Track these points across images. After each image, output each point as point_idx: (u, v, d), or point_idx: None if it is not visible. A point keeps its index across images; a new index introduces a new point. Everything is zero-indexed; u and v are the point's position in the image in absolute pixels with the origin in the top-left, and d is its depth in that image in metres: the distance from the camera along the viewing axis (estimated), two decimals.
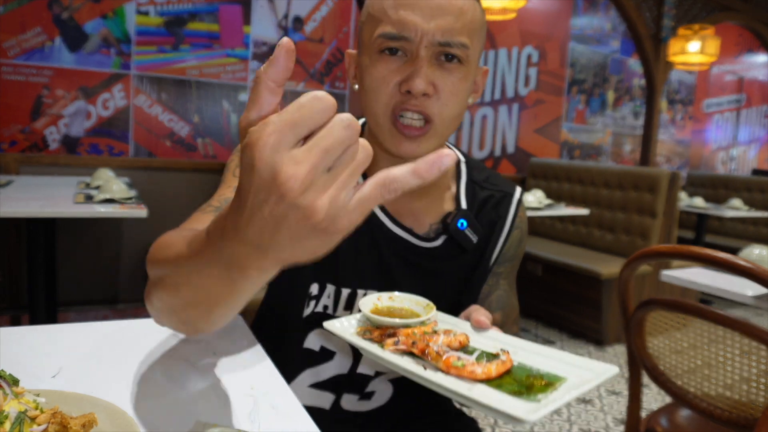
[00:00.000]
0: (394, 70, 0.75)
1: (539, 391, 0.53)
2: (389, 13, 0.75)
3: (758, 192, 4.93)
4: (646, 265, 2.28)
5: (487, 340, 0.66)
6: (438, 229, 0.87)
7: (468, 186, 0.91)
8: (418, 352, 0.59)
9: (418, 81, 0.73)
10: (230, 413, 0.60)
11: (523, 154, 4.70)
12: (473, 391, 0.53)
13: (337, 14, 3.67)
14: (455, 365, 0.56)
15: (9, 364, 0.64)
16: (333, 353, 0.89)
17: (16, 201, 1.93)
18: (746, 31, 6.04)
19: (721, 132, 6.52)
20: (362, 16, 0.81)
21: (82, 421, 0.48)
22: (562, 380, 0.55)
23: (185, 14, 3.23)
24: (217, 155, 3.39)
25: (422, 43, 0.74)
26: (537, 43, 4.65)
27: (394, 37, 0.74)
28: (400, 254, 0.85)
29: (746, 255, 1.77)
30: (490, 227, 0.90)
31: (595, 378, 0.55)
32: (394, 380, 0.93)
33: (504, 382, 0.55)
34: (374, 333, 0.65)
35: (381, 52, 0.76)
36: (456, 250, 0.87)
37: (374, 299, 0.71)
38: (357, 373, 0.90)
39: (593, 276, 3.22)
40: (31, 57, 2.88)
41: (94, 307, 3.11)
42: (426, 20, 0.73)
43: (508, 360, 0.58)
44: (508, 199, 0.93)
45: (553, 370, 0.58)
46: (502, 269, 0.94)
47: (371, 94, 0.77)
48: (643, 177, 3.51)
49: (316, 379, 0.91)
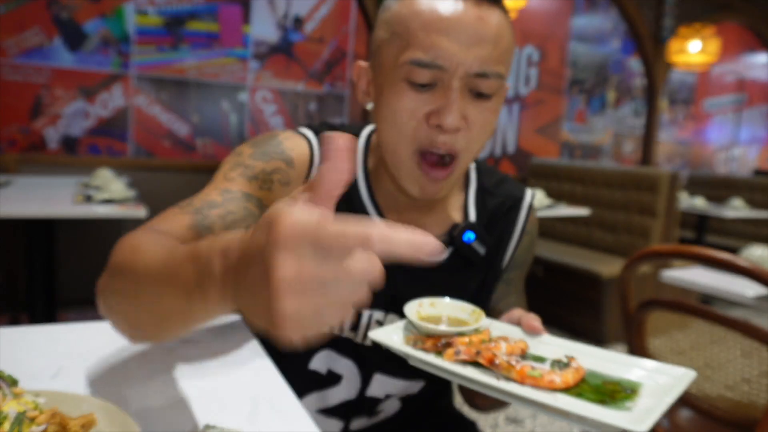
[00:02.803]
0: (422, 100, 0.68)
1: (624, 399, 0.52)
2: (420, 37, 0.66)
3: (759, 192, 4.92)
4: (646, 265, 2.28)
5: (545, 346, 0.63)
6: (445, 239, 0.81)
7: (478, 194, 0.86)
8: (486, 362, 0.57)
9: (452, 116, 0.66)
10: (230, 414, 0.60)
11: (524, 154, 4.70)
12: (559, 401, 0.51)
13: (337, 14, 3.67)
14: (531, 375, 0.54)
15: (8, 365, 0.63)
16: (340, 377, 0.84)
17: (15, 201, 1.93)
18: (747, 31, 6.04)
19: (721, 132, 6.52)
20: (380, 31, 0.72)
21: (82, 421, 0.48)
22: (638, 385, 0.54)
23: (185, 14, 3.23)
24: (216, 155, 3.39)
25: (457, 73, 0.66)
26: (537, 42, 4.65)
27: (426, 64, 0.66)
28: (405, 270, 0.82)
29: (747, 255, 1.77)
30: (499, 235, 0.86)
31: (677, 383, 0.54)
32: (404, 398, 0.90)
33: (582, 391, 0.54)
34: (426, 343, 0.61)
35: (408, 80, 0.67)
36: (463, 261, 0.82)
37: (416, 306, 0.67)
38: (366, 397, 0.86)
39: (594, 276, 3.22)
40: (30, 57, 2.88)
41: (94, 307, 3.10)
42: (463, 49, 0.65)
43: (580, 367, 0.56)
44: (519, 204, 0.88)
45: (624, 375, 0.57)
46: (513, 275, 0.90)
47: (395, 127, 0.69)
48: (643, 177, 3.51)
49: (324, 404, 0.87)
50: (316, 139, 0.79)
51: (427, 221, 0.82)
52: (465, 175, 0.87)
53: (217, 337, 0.80)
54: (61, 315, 2.94)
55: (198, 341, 0.78)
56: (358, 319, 0.80)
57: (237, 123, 3.45)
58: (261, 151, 0.76)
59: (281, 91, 3.55)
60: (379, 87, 0.72)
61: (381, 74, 0.71)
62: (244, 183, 0.73)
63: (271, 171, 0.75)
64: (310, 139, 0.80)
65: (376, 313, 0.81)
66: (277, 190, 0.75)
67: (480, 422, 2.41)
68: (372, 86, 0.75)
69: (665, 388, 0.54)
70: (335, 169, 0.37)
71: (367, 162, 0.81)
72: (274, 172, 0.75)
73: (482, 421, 2.30)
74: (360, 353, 0.82)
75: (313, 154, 0.78)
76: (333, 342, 0.82)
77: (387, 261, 0.43)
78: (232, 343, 0.79)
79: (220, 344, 0.78)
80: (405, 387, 0.87)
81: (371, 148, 0.83)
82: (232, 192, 0.72)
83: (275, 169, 0.75)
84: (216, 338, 0.80)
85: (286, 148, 0.77)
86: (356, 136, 0.82)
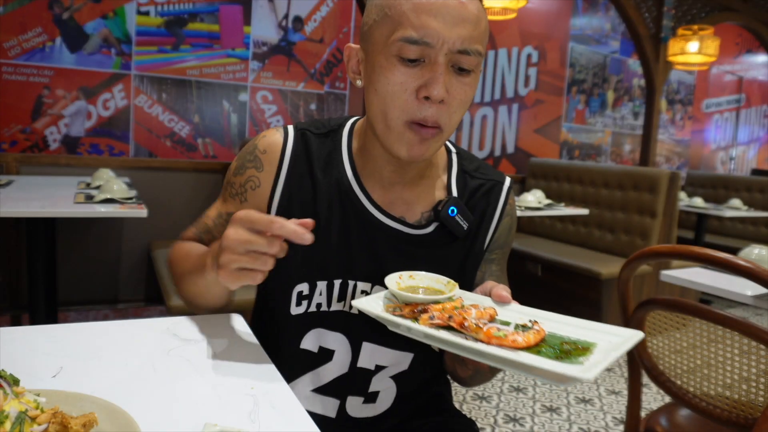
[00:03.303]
0: (411, 75, 0.75)
1: (578, 355, 0.58)
2: (410, 17, 0.74)
3: (758, 192, 4.93)
4: (645, 265, 2.28)
5: (512, 313, 0.69)
6: (429, 217, 0.89)
7: (459, 175, 0.93)
8: (457, 325, 0.63)
9: (438, 88, 0.74)
10: (230, 413, 0.60)
11: (523, 154, 4.70)
12: (521, 357, 0.57)
13: (337, 14, 3.67)
14: (497, 335, 0.60)
15: (9, 364, 0.64)
16: (332, 352, 0.89)
17: (16, 201, 1.93)
18: (746, 31, 6.04)
19: (720, 132, 6.52)
20: (373, 14, 0.80)
21: (83, 420, 0.48)
22: (593, 345, 0.60)
23: (185, 14, 3.23)
24: (217, 155, 3.39)
25: (442, 49, 0.74)
26: (537, 43, 4.65)
27: (415, 41, 0.74)
28: (392, 243, 0.87)
29: (746, 255, 1.78)
30: (480, 215, 0.92)
31: (625, 342, 0.60)
32: (396, 377, 0.93)
33: (542, 349, 0.59)
34: (405, 310, 0.67)
35: (400, 55, 0.75)
36: (447, 237, 0.89)
37: (396, 278, 0.73)
38: (358, 368, 0.90)
39: (593, 276, 3.22)
40: (31, 57, 2.89)
41: (94, 307, 3.11)
42: (448, 28, 0.74)
43: (541, 330, 0.62)
44: (498, 187, 0.94)
45: (581, 337, 0.62)
46: (494, 256, 0.95)
47: (388, 98, 0.77)
48: (642, 177, 3.51)
49: (318, 383, 0.91)
50: (294, 132, 0.90)
51: (412, 197, 0.89)
52: (447, 158, 0.95)
53: (217, 337, 0.80)
54: (61, 315, 2.95)
55: (198, 341, 0.78)
56: (345, 289, 0.87)
57: (238, 123, 3.46)
58: (239, 164, 0.91)
59: (282, 91, 3.56)
60: (370, 64, 0.79)
61: (373, 52, 0.79)
62: (231, 202, 0.91)
63: (245, 182, 0.90)
64: (288, 132, 0.90)
65: (363, 284, 0.87)
66: (251, 198, 0.89)
67: (479, 421, 2.41)
68: (362, 65, 0.83)
69: (615, 346, 0.60)
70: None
71: (351, 146, 0.91)
72: (247, 181, 0.90)
73: (481, 420, 2.31)
74: (348, 325, 0.88)
75: (286, 146, 0.88)
76: (322, 320, 0.88)
77: (376, 237, 0.79)
78: (232, 343, 0.79)
79: (220, 344, 0.78)
80: (394, 357, 0.91)
81: (354, 133, 0.91)
82: (222, 216, 0.92)
83: (248, 178, 0.89)
84: (216, 338, 0.80)
85: (258, 152, 0.89)
86: (340, 126, 0.92)
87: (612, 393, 2.70)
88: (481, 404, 2.46)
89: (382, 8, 0.78)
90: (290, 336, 0.89)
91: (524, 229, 4.32)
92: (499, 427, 2.27)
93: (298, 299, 0.87)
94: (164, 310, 2.43)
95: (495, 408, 2.44)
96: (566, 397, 2.60)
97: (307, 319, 0.88)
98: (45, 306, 2.07)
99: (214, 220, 0.93)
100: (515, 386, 2.68)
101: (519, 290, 1.03)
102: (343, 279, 0.87)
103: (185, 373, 0.69)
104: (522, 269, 3.70)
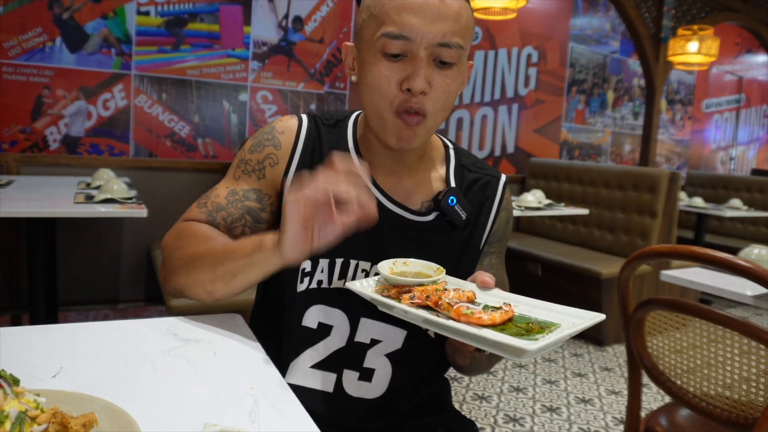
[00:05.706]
0: (395, 69, 0.81)
1: (537, 333, 0.63)
2: (392, 15, 0.80)
3: (758, 192, 4.93)
4: (645, 265, 2.28)
5: (491, 297, 0.74)
6: (429, 206, 0.93)
7: (456, 169, 0.98)
8: (432, 304, 0.69)
9: (418, 80, 0.79)
10: (230, 413, 0.60)
11: (523, 154, 4.70)
12: (482, 332, 0.62)
13: (337, 14, 3.67)
14: (465, 313, 0.65)
15: (9, 364, 0.64)
16: (330, 327, 0.92)
17: (16, 201, 1.93)
18: (746, 31, 6.05)
19: (720, 132, 6.52)
20: (362, 14, 0.86)
21: (83, 420, 0.48)
22: (555, 325, 0.65)
23: (185, 14, 3.23)
24: (217, 155, 3.39)
25: (422, 44, 0.79)
26: (537, 43, 4.65)
27: (396, 36, 0.79)
28: (393, 227, 0.91)
29: (746, 255, 1.78)
30: (478, 208, 0.96)
31: (584, 322, 0.65)
32: (390, 356, 0.94)
33: (506, 328, 0.65)
34: (392, 291, 0.73)
35: (383, 51, 0.81)
36: (446, 226, 0.93)
37: (390, 264, 0.78)
38: (354, 342, 0.92)
39: (593, 276, 3.22)
40: (31, 57, 2.89)
41: (94, 307, 3.11)
42: (427, 23, 0.79)
43: (510, 310, 0.67)
44: (495, 182, 0.99)
45: (549, 319, 0.67)
46: (493, 249, 0.99)
47: (374, 90, 0.83)
48: (642, 177, 3.51)
49: (317, 358, 0.93)
50: (307, 119, 0.95)
51: (412, 186, 0.94)
52: (445, 153, 1.00)
53: (217, 337, 0.80)
54: (61, 315, 2.95)
55: (198, 341, 0.78)
56: (347, 268, 0.92)
57: (238, 123, 3.46)
58: (256, 142, 0.94)
59: (282, 91, 3.56)
60: (361, 61, 0.86)
61: (363, 50, 0.85)
62: (245, 179, 0.93)
63: (263, 159, 0.93)
64: (303, 119, 0.95)
65: (364, 263, 0.91)
66: (269, 174, 0.92)
67: (479, 421, 2.41)
68: (356, 61, 0.88)
69: (573, 326, 0.64)
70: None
71: (356, 136, 0.96)
72: (265, 158, 0.93)
73: (481, 420, 2.31)
74: (348, 301, 0.91)
75: (300, 130, 0.94)
76: (323, 296, 0.92)
77: (379, 221, 0.75)
78: (232, 343, 0.79)
79: (220, 344, 0.78)
80: (387, 332, 0.93)
81: (358, 124, 0.97)
82: (236, 194, 0.92)
83: (266, 155, 0.93)
84: (216, 338, 0.80)
85: (276, 132, 0.94)
86: (346, 118, 0.98)
87: (612, 393, 2.70)
88: (481, 404, 2.46)
89: (369, 8, 0.84)
90: (293, 314, 0.92)
91: (524, 229, 4.32)
92: (499, 427, 2.27)
93: (301, 276, 0.90)
94: (164, 310, 2.43)
95: (495, 408, 2.44)
96: (566, 397, 2.60)
97: (308, 296, 0.91)
98: (45, 306, 2.07)
99: (227, 198, 0.92)
100: (515, 386, 2.68)
101: (519, 290, 1.03)
102: (345, 258, 0.90)
103: (185, 372, 0.68)
104: (522, 269, 3.70)
